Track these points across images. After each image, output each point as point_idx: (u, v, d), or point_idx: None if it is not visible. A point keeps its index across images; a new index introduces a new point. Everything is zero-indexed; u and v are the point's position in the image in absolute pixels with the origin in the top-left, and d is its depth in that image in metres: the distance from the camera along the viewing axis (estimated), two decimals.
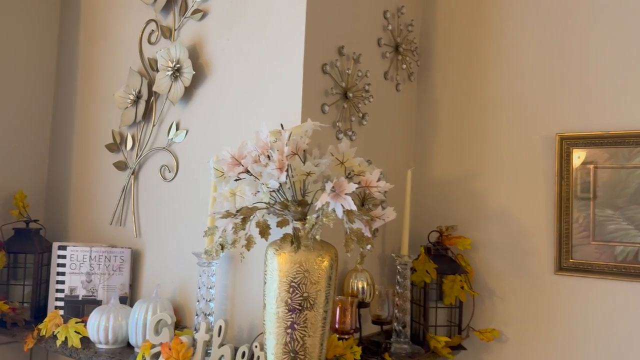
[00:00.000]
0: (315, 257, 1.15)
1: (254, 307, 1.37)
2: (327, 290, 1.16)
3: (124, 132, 1.69)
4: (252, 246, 1.13)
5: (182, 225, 1.54)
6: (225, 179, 1.24)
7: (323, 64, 1.40)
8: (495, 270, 1.68)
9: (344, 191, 1.06)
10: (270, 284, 1.16)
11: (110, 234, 1.69)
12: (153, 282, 1.58)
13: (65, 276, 1.55)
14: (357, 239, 1.07)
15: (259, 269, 1.37)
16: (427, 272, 1.58)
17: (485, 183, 1.72)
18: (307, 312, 1.14)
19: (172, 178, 1.57)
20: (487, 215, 1.70)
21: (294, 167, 1.15)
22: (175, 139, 1.56)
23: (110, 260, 1.57)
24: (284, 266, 1.15)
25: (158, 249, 1.58)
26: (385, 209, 1.16)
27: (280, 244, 1.17)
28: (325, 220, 1.08)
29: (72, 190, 1.83)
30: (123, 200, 1.66)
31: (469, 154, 1.76)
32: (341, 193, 1.07)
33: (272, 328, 1.15)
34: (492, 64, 1.73)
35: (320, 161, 1.14)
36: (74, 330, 1.45)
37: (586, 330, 1.53)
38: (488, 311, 1.67)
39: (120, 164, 1.68)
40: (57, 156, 1.90)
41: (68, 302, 1.55)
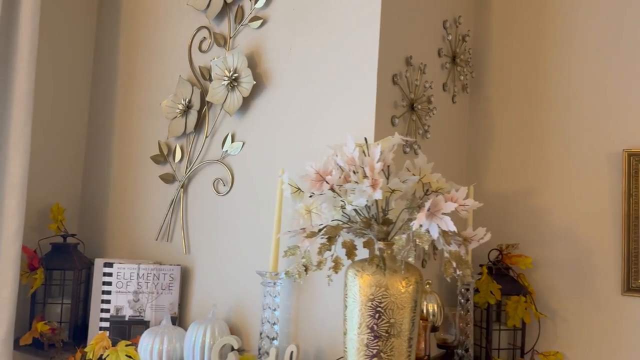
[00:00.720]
0: (400, 280, 1.08)
1: (321, 330, 1.29)
2: (412, 315, 1.09)
3: (172, 143, 1.61)
4: (340, 268, 1.05)
5: (237, 241, 1.46)
6: (299, 195, 1.17)
7: (393, 75, 1.34)
8: (557, 291, 1.61)
9: (440, 211, 1.00)
10: (352, 308, 1.09)
11: (155, 250, 1.61)
12: (204, 302, 1.50)
13: (111, 295, 1.47)
14: (457, 263, 1.00)
15: (325, 290, 1.30)
16: (492, 292, 1.51)
17: (546, 200, 1.66)
18: (394, 339, 1.06)
19: (226, 192, 1.49)
20: (548, 234, 1.64)
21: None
22: (230, 151, 1.49)
23: (159, 278, 1.49)
24: (367, 289, 1.07)
25: (210, 267, 1.50)
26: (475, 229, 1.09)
27: (362, 265, 1.10)
28: (418, 241, 1.01)
29: (110, 203, 1.75)
30: (171, 215, 1.58)
31: (528, 169, 1.70)
32: (437, 213, 1.00)
33: (356, 356, 1.07)
34: (553, 77, 1.68)
35: (409, 177, 1.07)
36: (125, 353, 1.36)
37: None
38: (550, 333, 1.61)
39: (167, 176, 1.60)
40: (93, 168, 1.82)
41: (114, 322, 1.46)
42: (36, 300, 1.59)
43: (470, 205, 1.09)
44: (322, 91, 1.36)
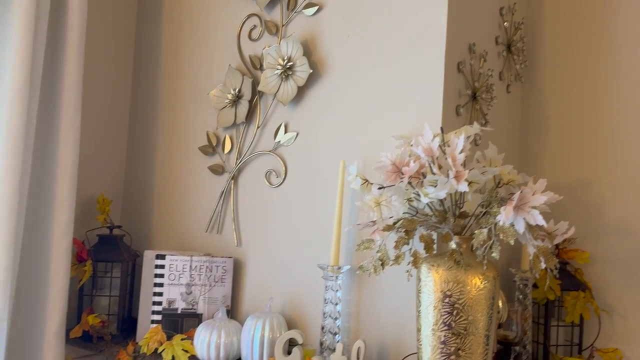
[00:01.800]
0: (478, 276, 1.04)
1: (385, 326, 1.26)
2: (490, 312, 1.05)
3: (221, 134, 1.58)
4: (420, 262, 1.02)
5: (291, 234, 1.43)
6: (368, 187, 1.13)
7: (458, 62, 1.29)
8: (614, 286, 1.57)
9: (528, 204, 0.96)
10: (427, 304, 1.05)
11: (205, 242, 1.58)
12: (257, 295, 1.47)
13: (163, 287, 1.44)
14: (545, 259, 0.96)
15: (388, 285, 1.26)
16: (551, 288, 1.47)
17: (602, 193, 1.61)
18: (472, 337, 1.03)
19: (279, 183, 1.46)
20: (605, 228, 1.60)
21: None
22: (283, 141, 1.45)
23: (211, 271, 1.46)
24: (443, 285, 1.04)
25: (262, 259, 1.47)
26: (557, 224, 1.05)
27: (436, 260, 1.07)
28: (502, 236, 0.97)
29: (155, 194, 1.72)
30: (221, 206, 1.55)
31: (583, 161, 1.65)
32: (524, 206, 0.96)
33: (431, 354, 1.04)
34: (609, 66, 1.62)
35: (488, 169, 1.03)
36: (181, 347, 1.34)
37: None
38: (607, 329, 1.57)
39: (216, 167, 1.57)
40: (137, 159, 1.79)
41: (166, 315, 1.44)
42: (84, 293, 1.57)
43: (550, 199, 1.05)
44: (382, 80, 1.32)
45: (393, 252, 1.03)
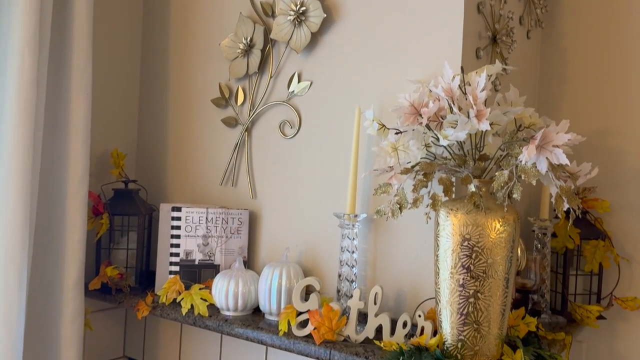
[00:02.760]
0: (498, 219, 1.02)
1: (401, 274, 1.26)
2: (509, 255, 1.04)
3: (233, 85, 1.55)
4: (439, 205, 1.00)
5: (306, 184, 1.42)
6: (384, 132, 1.11)
7: (478, 3, 1.24)
8: (633, 235, 1.55)
9: (550, 143, 0.93)
10: (445, 248, 1.04)
11: (220, 195, 1.58)
12: (273, 246, 1.47)
13: (180, 239, 1.45)
14: (568, 199, 0.94)
15: (404, 233, 1.26)
16: (570, 237, 1.45)
17: (622, 141, 1.57)
18: (492, 279, 1.02)
19: (293, 134, 1.44)
20: (625, 176, 1.56)
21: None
22: (297, 91, 1.42)
23: (227, 222, 1.46)
24: (462, 229, 1.02)
25: (278, 211, 1.47)
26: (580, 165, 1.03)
27: (454, 204, 1.05)
28: (524, 176, 0.95)
29: (169, 148, 1.71)
30: (235, 159, 1.54)
31: (603, 109, 1.60)
32: (547, 145, 0.93)
33: (450, 297, 1.04)
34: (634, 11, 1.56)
35: (510, 109, 1.00)
36: (200, 297, 1.35)
37: None
38: (626, 278, 1.55)
39: (229, 119, 1.55)
40: (149, 113, 1.77)
41: (184, 266, 1.44)
42: (101, 246, 1.58)
43: (573, 140, 1.02)
44: (398, 23, 1.27)
45: (411, 196, 1.01)
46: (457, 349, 1.02)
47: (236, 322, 1.29)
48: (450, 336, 1.04)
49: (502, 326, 1.05)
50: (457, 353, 1.02)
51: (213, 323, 1.32)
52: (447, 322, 1.04)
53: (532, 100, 1.66)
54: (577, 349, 1.60)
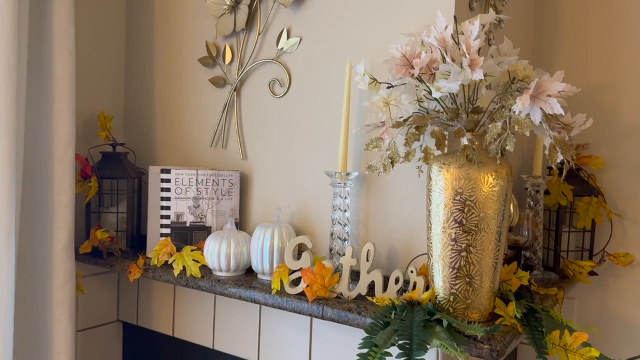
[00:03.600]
0: (490, 172, 1.01)
1: (393, 231, 1.25)
2: (502, 209, 1.03)
3: (220, 43, 1.51)
4: (431, 158, 0.98)
5: (297, 144, 1.39)
6: (376, 86, 1.08)
7: None
8: (626, 191, 1.54)
9: (545, 92, 0.91)
10: (437, 203, 1.03)
11: (210, 157, 1.55)
12: (265, 207, 1.46)
13: (170, 201, 1.43)
14: (562, 149, 0.92)
15: (397, 190, 1.24)
16: (563, 193, 1.45)
17: (617, 96, 1.55)
18: (484, 233, 1.01)
19: (283, 93, 1.40)
20: (620, 132, 1.55)
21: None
22: (286, 48, 1.39)
23: (218, 184, 1.44)
24: (454, 183, 1.01)
25: (269, 171, 1.45)
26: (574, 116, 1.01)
27: (447, 158, 1.03)
28: (517, 127, 0.93)
29: (157, 110, 1.68)
30: (224, 120, 1.51)
31: (598, 64, 1.58)
32: (541, 95, 0.91)
33: (442, 251, 1.03)
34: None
35: (504, 59, 0.97)
36: (192, 258, 1.34)
37: None
38: (618, 235, 1.56)
39: (217, 79, 1.52)
40: (136, 75, 1.73)
41: (175, 228, 1.43)
42: (91, 210, 1.57)
43: (568, 91, 1.00)
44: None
45: (403, 150, 0.99)
46: (449, 302, 1.02)
47: (229, 282, 1.29)
48: (443, 290, 1.04)
49: (494, 280, 1.05)
50: (449, 306, 1.02)
51: (206, 284, 1.31)
52: (439, 277, 1.04)
53: (527, 56, 1.63)
54: (568, 305, 1.62)
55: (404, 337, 0.93)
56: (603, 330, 1.58)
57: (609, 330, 1.57)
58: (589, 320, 1.60)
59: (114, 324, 1.77)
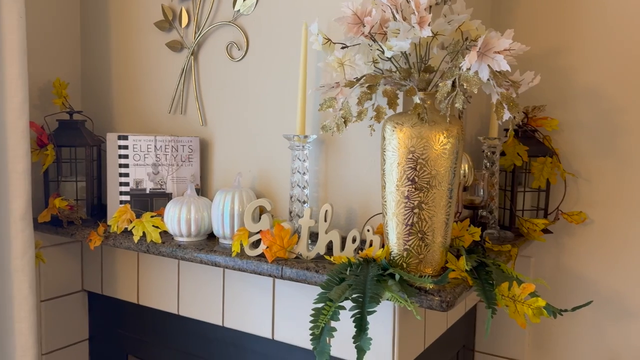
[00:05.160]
0: (442, 131, 1.03)
1: (351, 192, 1.27)
2: (453, 167, 1.05)
3: (176, 6, 1.48)
4: (383, 117, 1.00)
5: (257, 108, 1.39)
6: (330, 47, 1.08)
7: None
8: (581, 151, 1.59)
9: (492, 49, 0.92)
10: (391, 162, 1.05)
11: (169, 123, 1.54)
12: (226, 173, 1.46)
13: (129, 168, 1.41)
14: (508, 106, 0.94)
15: (354, 152, 1.26)
16: (518, 154, 1.48)
17: (573, 58, 1.58)
18: (435, 190, 1.04)
19: (241, 57, 1.39)
20: (575, 94, 1.59)
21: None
22: (242, 10, 1.37)
23: (177, 150, 1.43)
24: (407, 142, 1.03)
25: (229, 137, 1.44)
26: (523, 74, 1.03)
27: (400, 118, 1.05)
28: (466, 85, 0.95)
29: (114, 77, 1.64)
30: (182, 85, 1.49)
31: (554, 26, 1.60)
32: (488, 52, 0.93)
33: (396, 209, 1.05)
34: None
35: (454, 17, 0.98)
36: (152, 224, 1.34)
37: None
38: (573, 194, 1.61)
39: (174, 43, 1.49)
40: (91, 40, 1.69)
41: (135, 195, 1.42)
42: (49, 179, 1.54)
43: (517, 50, 1.02)
44: None
45: (356, 109, 1.00)
46: (402, 258, 1.05)
47: (190, 247, 1.29)
48: (397, 246, 1.06)
49: (446, 235, 1.08)
50: (403, 262, 1.05)
51: (167, 249, 1.32)
52: (394, 234, 1.07)
53: (485, 18, 1.65)
54: (525, 263, 1.67)
55: (357, 291, 0.96)
56: (558, 287, 1.64)
57: (564, 286, 1.64)
58: (545, 277, 1.66)
59: (79, 293, 1.77)
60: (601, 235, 1.58)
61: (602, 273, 1.58)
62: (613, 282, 1.57)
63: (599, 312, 1.59)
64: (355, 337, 0.90)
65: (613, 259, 1.57)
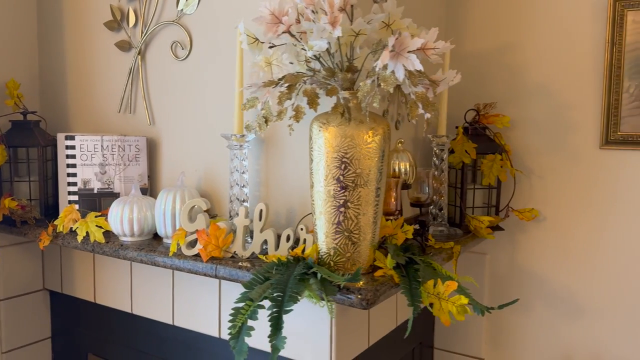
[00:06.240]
0: (367, 130, 1.03)
1: (291, 191, 1.27)
2: (380, 166, 1.06)
3: (124, 6, 1.48)
4: (302, 117, 1.00)
5: (202, 107, 1.39)
6: (258, 46, 1.08)
7: None
8: (533, 148, 1.59)
9: (406, 49, 0.92)
10: (317, 161, 1.05)
11: (120, 123, 1.54)
12: (173, 172, 1.46)
13: (76, 168, 1.42)
14: (422, 105, 0.94)
15: (293, 151, 1.26)
16: (467, 152, 1.48)
17: (524, 55, 1.58)
18: (361, 189, 1.04)
19: (185, 56, 1.39)
20: (526, 91, 1.59)
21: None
22: (186, 9, 1.37)
23: (124, 150, 1.44)
24: (333, 141, 1.03)
25: (176, 136, 1.45)
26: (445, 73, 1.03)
27: (327, 117, 1.05)
28: (383, 84, 0.95)
29: (69, 78, 1.65)
30: (131, 85, 1.50)
31: (506, 24, 1.60)
32: (403, 52, 0.93)
33: (323, 208, 1.06)
34: None
35: (374, 17, 0.98)
36: (95, 224, 1.35)
37: (631, 204, 1.47)
38: (525, 191, 1.61)
39: (123, 43, 1.49)
40: (48, 41, 1.69)
41: (83, 195, 1.43)
42: (3, 179, 1.55)
43: (441, 48, 1.02)
44: None
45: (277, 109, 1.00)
46: (330, 256, 1.05)
47: (132, 247, 1.30)
48: (325, 245, 1.07)
49: (375, 234, 1.08)
50: (331, 260, 1.05)
51: (109, 249, 1.32)
52: (322, 232, 1.07)
53: (440, 16, 1.65)
54: (480, 261, 1.67)
55: (278, 290, 0.96)
56: (514, 284, 1.64)
57: (519, 283, 1.64)
58: (500, 274, 1.66)
59: (40, 292, 1.78)
60: (554, 232, 1.58)
61: (555, 270, 1.59)
62: (566, 278, 1.57)
63: (552, 308, 1.60)
64: (271, 336, 0.91)
65: (565, 255, 1.57)
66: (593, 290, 1.54)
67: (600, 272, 1.52)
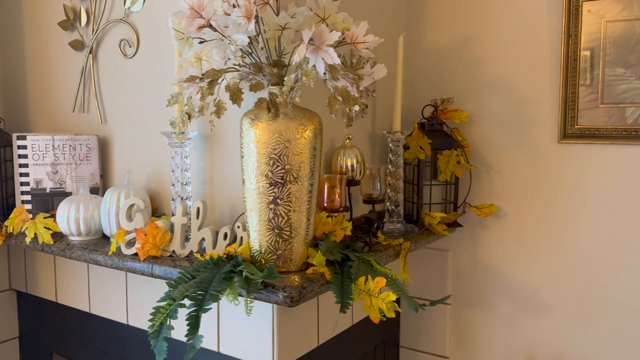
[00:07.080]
0: (296, 126, 1.02)
1: (235, 188, 1.26)
2: (311, 162, 1.04)
3: (77, 5, 1.48)
4: (223, 112, 0.99)
5: (149, 105, 1.39)
6: (188, 42, 1.07)
7: None
8: (492, 143, 1.57)
9: (324, 43, 0.91)
10: (247, 157, 1.04)
11: (75, 122, 1.54)
12: (125, 171, 1.45)
13: (28, 168, 1.42)
14: (343, 99, 0.93)
15: (233, 147, 1.25)
16: (421, 147, 1.46)
17: (482, 49, 1.56)
18: (291, 185, 1.02)
19: (133, 54, 1.39)
20: (484, 85, 1.56)
21: (265, 20, 0.98)
22: (132, 7, 1.36)
23: (75, 149, 1.43)
24: (262, 137, 1.02)
25: (126, 135, 1.44)
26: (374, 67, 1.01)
27: (256, 113, 1.04)
28: (305, 79, 0.93)
29: (28, 77, 1.65)
30: (83, 84, 1.49)
31: (464, 17, 1.58)
32: (322, 45, 0.91)
33: (254, 205, 1.04)
34: None
35: (297, 10, 0.97)
36: (43, 225, 1.34)
37: (591, 199, 1.45)
38: (485, 186, 1.59)
39: (75, 43, 1.49)
40: (8, 41, 1.69)
41: (35, 195, 1.43)
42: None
43: (371, 42, 1.00)
44: None
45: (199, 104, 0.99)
46: (260, 254, 1.04)
47: (77, 246, 1.30)
48: (257, 242, 1.05)
49: (308, 230, 1.06)
50: (261, 258, 1.04)
51: (57, 248, 1.32)
52: (254, 229, 1.06)
53: (400, 8, 1.63)
54: (442, 257, 1.65)
55: (200, 288, 0.95)
56: (476, 281, 1.62)
57: (482, 280, 1.61)
58: (463, 271, 1.64)
59: (7, 292, 1.78)
60: (515, 228, 1.55)
61: (517, 266, 1.56)
62: (527, 275, 1.55)
63: (515, 306, 1.57)
64: (188, 335, 0.90)
65: (526, 252, 1.54)
66: (555, 287, 1.51)
67: (562, 268, 1.50)
